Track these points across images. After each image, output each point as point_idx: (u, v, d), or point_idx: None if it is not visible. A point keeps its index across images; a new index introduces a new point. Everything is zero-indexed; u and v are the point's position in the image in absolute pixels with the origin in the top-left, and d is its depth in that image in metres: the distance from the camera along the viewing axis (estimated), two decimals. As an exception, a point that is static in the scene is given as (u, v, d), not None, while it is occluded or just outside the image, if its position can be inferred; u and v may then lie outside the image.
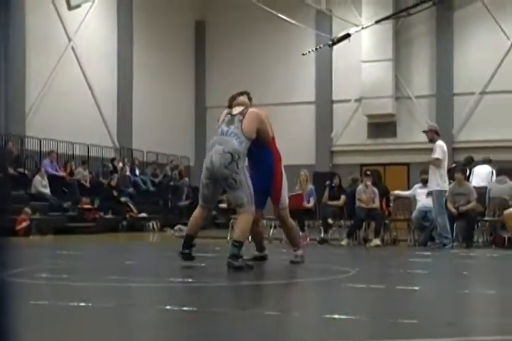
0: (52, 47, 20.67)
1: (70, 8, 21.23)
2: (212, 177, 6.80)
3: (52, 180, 18.27)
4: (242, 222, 6.76)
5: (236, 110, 7.13)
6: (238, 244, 6.63)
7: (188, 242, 6.91)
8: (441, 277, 7.13)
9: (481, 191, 12.65)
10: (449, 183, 12.11)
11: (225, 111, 7.26)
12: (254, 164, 7.47)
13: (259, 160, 7.41)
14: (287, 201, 7.72)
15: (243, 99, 7.40)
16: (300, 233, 13.38)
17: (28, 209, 15.98)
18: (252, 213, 6.83)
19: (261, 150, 7.32)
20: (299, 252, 7.73)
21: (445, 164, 11.61)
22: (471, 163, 14.09)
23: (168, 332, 3.55)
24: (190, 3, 27.21)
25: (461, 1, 24.43)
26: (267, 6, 23.04)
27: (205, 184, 6.91)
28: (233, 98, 7.40)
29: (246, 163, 7.06)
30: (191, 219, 7.12)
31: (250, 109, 7.16)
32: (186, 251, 6.85)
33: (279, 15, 23.34)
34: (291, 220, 7.86)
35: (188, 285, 5.71)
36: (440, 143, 11.63)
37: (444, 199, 11.62)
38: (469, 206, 11.99)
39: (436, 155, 11.49)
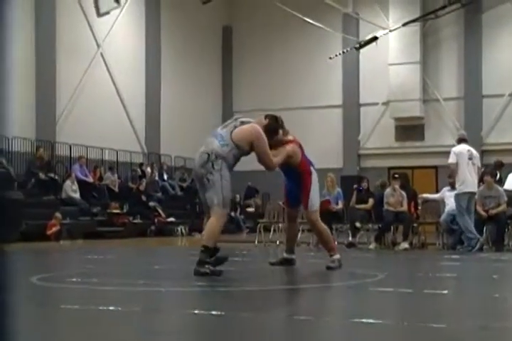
0: (82, 54, 20.88)
1: (99, 15, 21.41)
2: (197, 178, 6.74)
3: (82, 185, 18.44)
4: (209, 226, 6.55)
5: (243, 119, 7.12)
6: (205, 249, 6.44)
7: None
8: (470, 281, 7.06)
9: (512, 194, 12.53)
10: (479, 186, 12.03)
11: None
12: (288, 177, 7.73)
13: (291, 175, 7.65)
14: (318, 205, 7.61)
15: (260, 119, 7.27)
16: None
17: (58, 214, 16.15)
18: (222, 216, 6.56)
19: (290, 171, 7.54)
20: (336, 257, 7.54)
21: (463, 166, 11.58)
22: (500, 167, 13.96)
23: (195, 336, 3.56)
24: (216, 9, 27.29)
25: (490, 2, 24.18)
26: (293, 9, 23.05)
27: (198, 187, 6.89)
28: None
29: (226, 166, 6.70)
30: (205, 229, 6.90)
31: (254, 124, 6.98)
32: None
33: (306, 18, 23.32)
34: (322, 224, 7.69)
35: (216, 290, 5.72)
36: (454, 148, 11.84)
37: (463, 202, 11.53)
38: (499, 209, 11.85)
39: (450, 160, 11.69)
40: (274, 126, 7.25)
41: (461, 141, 11.99)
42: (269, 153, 6.89)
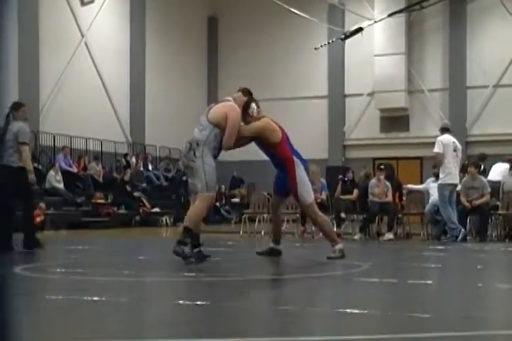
0: (66, 44, 20.71)
1: (83, 3, 21.26)
2: (184, 169, 7.16)
3: (66, 175, 18.36)
4: (193, 208, 6.75)
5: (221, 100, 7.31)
6: (185, 230, 6.62)
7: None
8: (454, 271, 7.11)
9: (496, 185, 12.62)
10: (463, 177, 12.10)
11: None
12: (279, 168, 7.73)
13: (278, 165, 7.67)
14: (312, 198, 7.55)
15: (236, 95, 7.44)
16: (313, 227, 13.44)
17: (42, 204, 16.06)
18: (206, 198, 6.72)
19: (274, 157, 7.57)
20: (337, 247, 7.49)
21: (449, 157, 11.61)
22: (483, 160, 14.06)
23: (180, 326, 3.56)
24: (202, -2, 27.21)
25: (475, -6, 24.27)
26: (279, 0, 22.98)
27: (188, 176, 7.07)
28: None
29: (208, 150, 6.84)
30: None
31: (228, 102, 7.15)
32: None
33: (291, 9, 23.26)
34: (321, 216, 7.68)
35: (200, 280, 5.72)
36: (440, 137, 11.79)
37: (446, 193, 11.59)
38: (483, 200, 11.94)
39: (435, 149, 11.67)
40: (252, 100, 7.57)
41: (444, 130, 12.00)
42: (235, 132, 6.96)
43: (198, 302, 4.19)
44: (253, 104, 7.46)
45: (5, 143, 8.59)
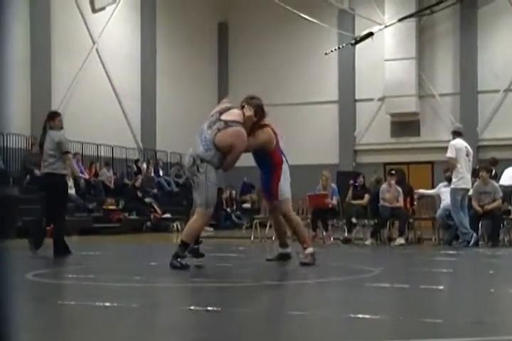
0: (77, 50, 20.82)
1: (94, 10, 21.36)
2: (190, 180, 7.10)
3: (78, 181, 18.40)
4: (191, 223, 6.86)
5: (226, 116, 7.06)
6: (182, 245, 6.74)
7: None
8: (466, 276, 7.08)
9: (507, 190, 12.55)
10: (474, 182, 12.05)
11: (223, 105, 7.32)
12: (262, 169, 7.65)
13: (265, 167, 7.58)
14: (288, 194, 7.47)
15: (225, 101, 7.58)
16: (324, 232, 13.43)
17: (54, 211, 16.11)
18: (204, 215, 6.83)
19: (265, 162, 7.50)
20: (309, 251, 7.40)
21: (461, 162, 11.56)
22: (495, 165, 14.00)
23: (192, 332, 3.56)
24: (212, 5, 27.27)
25: (485, -2, 24.21)
26: (289, 5, 22.98)
27: (193, 187, 7.05)
28: (244, 101, 7.49)
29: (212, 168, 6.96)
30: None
31: (237, 127, 6.99)
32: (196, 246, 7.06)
33: (301, 14, 23.28)
34: (294, 215, 7.67)
35: (212, 286, 5.72)
36: (453, 142, 11.71)
37: (458, 198, 11.54)
38: (494, 204, 11.87)
39: (448, 154, 11.60)
40: (260, 113, 7.47)
41: (456, 134, 11.92)
42: (238, 158, 7.10)
43: (209, 308, 4.19)
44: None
45: (44, 152, 9.08)
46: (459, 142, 11.71)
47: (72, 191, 17.92)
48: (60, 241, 9.14)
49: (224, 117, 6.99)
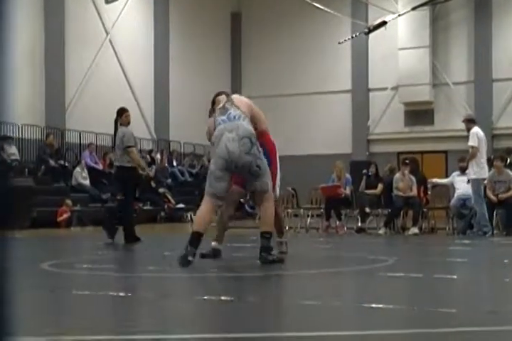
0: (91, 41, 20.85)
1: (107, 1, 21.33)
2: (231, 167, 6.07)
3: (92, 171, 18.48)
4: (269, 211, 6.22)
5: (220, 104, 6.44)
6: (269, 236, 6.17)
7: (197, 240, 6.10)
8: (480, 265, 7.04)
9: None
10: (489, 171, 11.96)
11: (212, 117, 6.52)
12: None
13: None
14: (278, 192, 7.01)
15: (222, 98, 6.65)
16: (337, 222, 13.41)
17: (69, 201, 16.21)
18: (273, 200, 6.32)
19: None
20: (284, 239, 7.16)
21: (483, 151, 11.45)
22: (510, 153, 13.88)
23: (205, 322, 3.56)
24: (225, -6, 27.19)
25: (500, -15, 23.95)
26: (302, -6, 22.89)
27: (220, 176, 6.09)
28: (214, 101, 6.77)
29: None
30: (198, 216, 6.34)
31: (234, 95, 6.68)
32: (194, 249, 6.06)
33: (315, 4, 23.15)
34: (279, 209, 7.30)
35: (225, 276, 5.72)
36: (475, 130, 11.51)
37: (481, 188, 11.46)
38: (509, 193, 11.80)
39: (471, 142, 11.38)
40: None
41: (471, 122, 11.74)
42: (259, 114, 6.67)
43: (223, 298, 4.19)
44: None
45: (116, 147, 10.02)
46: (480, 131, 11.57)
47: (86, 181, 18.02)
48: (129, 229, 9.72)
49: (220, 105, 6.45)
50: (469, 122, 11.76)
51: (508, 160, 13.25)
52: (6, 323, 1.33)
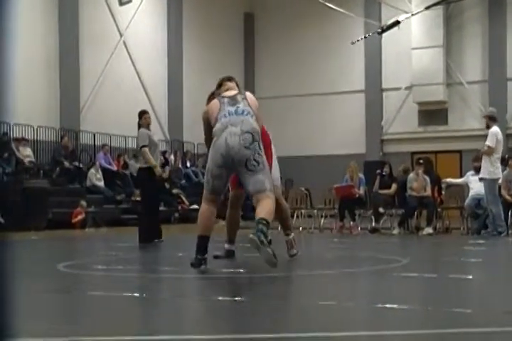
0: (105, 43, 20.94)
1: (121, 3, 21.42)
2: (228, 164, 5.77)
3: (106, 173, 18.54)
4: (269, 205, 5.69)
5: (230, 92, 6.24)
6: (266, 222, 5.55)
7: (205, 245, 5.91)
8: (496, 265, 7.00)
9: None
10: (503, 170, 11.88)
11: (217, 98, 6.27)
12: None
13: None
14: (279, 180, 6.91)
15: (233, 85, 6.48)
16: (351, 222, 13.38)
17: (83, 202, 16.28)
18: (274, 199, 5.82)
19: None
20: (292, 236, 6.87)
21: (499, 152, 11.35)
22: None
23: (219, 323, 3.57)
24: (238, -5, 27.21)
25: (514, -16, 23.82)
26: (315, -5, 22.87)
27: (217, 174, 5.85)
28: (221, 83, 6.61)
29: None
30: (204, 218, 6.03)
31: (245, 92, 6.36)
32: (204, 256, 5.88)
33: (328, 4, 23.13)
34: (284, 201, 7.17)
35: (239, 276, 5.72)
36: (494, 130, 11.36)
37: (496, 187, 11.38)
38: (525, 193, 11.74)
39: (488, 142, 11.25)
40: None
41: (492, 120, 11.53)
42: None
43: (237, 299, 4.19)
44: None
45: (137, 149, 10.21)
46: (499, 132, 11.40)
47: (100, 183, 18.09)
48: (145, 229, 9.90)
49: (231, 94, 6.23)
50: (490, 119, 11.57)
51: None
52: (5, 325, 1.30)
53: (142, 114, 10.57)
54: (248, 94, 6.29)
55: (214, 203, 5.99)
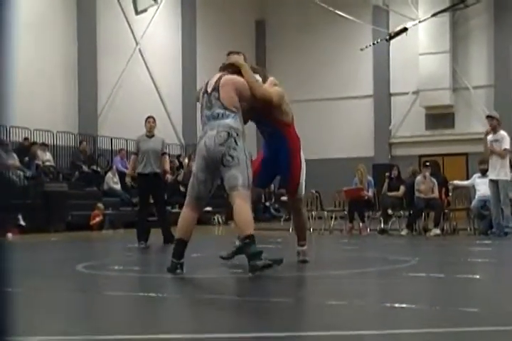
0: (121, 51, 21.02)
1: (137, 12, 21.50)
2: (210, 166, 5.54)
3: (123, 176, 18.56)
4: (241, 213, 5.35)
5: (210, 85, 5.82)
6: (250, 240, 5.23)
7: (182, 250, 5.63)
8: (502, 265, 6.95)
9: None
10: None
11: (204, 83, 5.99)
12: (270, 146, 6.30)
13: (273, 144, 6.25)
14: (303, 192, 6.49)
15: (236, 57, 6.08)
16: (360, 224, 13.34)
17: (101, 205, 16.32)
18: (248, 197, 5.45)
19: (274, 133, 6.14)
20: (306, 248, 6.54)
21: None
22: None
23: (232, 320, 3.56)
24: (250, 3, 27.23)
25: (518, -9, 23.72)
26: (325, 2, 22.86)
27: (202, 179, 5.62)
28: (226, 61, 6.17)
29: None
30: (184, 221, 5.76)
31: (225, 77, 5.81)
32: (181, 260, 5.57)
33: (337, 11, 23.12)
34: (305, 212, 6.90)
35: (251, 277, 5.71)
36: (506, 133, 11.33)
37: (511, 189, 11.29)
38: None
39: (506, 145, 11.16)
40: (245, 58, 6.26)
41: (500, 123, 11.51)
42: (256, 83, 5.93)
43: (249, 298, 4.18)
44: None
45: None
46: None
47: (117, 186, 18.14)
48: (168, 229, 10.18)
49: (209, 88, 5.84)
50: (498, 123, 11.47)
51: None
52: (4, 324, 1.26)
53: (145, 119, 10.90)
54: (224, 82, 5.73)
55: (197, 209, 5.76)
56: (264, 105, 5.96)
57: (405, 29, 23.10)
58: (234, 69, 5.94)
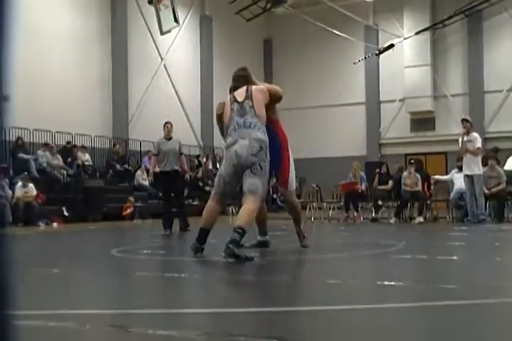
0: (148, 66, 21.07)
1: (162, 33, 21.49)
2: (238, 172, 5.38)
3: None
4: (249, 211, 5.24)
5: (240, 95, 5.60)
6: (241, 231, 5.11)
7: (204, 237, 5.60)
8: (476, 248, 6.92)
9: (511, 174, 12.24)
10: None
11: (229, 96, 5.76)
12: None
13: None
14: (294, 185, 6.25)
15: (240, 91, 5.69)
16: (355, 213, 13.31)
17: (131, 198, 16.37)
18: (257, 207, 5.33)
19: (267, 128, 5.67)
20: (303, 228, 6.35)
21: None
22: (497, 152, 13.65)
23: (245, 297, 3.57)
24: (258, 25, 27.15)
25: (490, 12, 23.55)
26: (324, 23, 22.86)
27: (228, 181, 5.47)
28: (233, 78, 5.93)
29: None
30: (208, 213, 5.63)
31: (253, 88, 5.61)
32: (202, 246, 5.57)
33: (334, 31, 23.08)
34: (299, 204, 6.45)
35: (261, 259, 5.71)
36: (477, 134, 11.35)
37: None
38: (500, 187, 11.61)
39: (479, 144, 11.19)
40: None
41: (472, 126, 11.53)
42: (277, 88, 5.89)
43: (262, 278, 4.18)
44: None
45: None
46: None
47: (146, 182, 18.17)
48: (185, 218, 10.15)
49: (240, 99, 5.61)
50: (472, 126, 11.46)
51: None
52: (6, 320, 1.15)
53: (164, 124, 10.60)
54: (255, 92, 5.58)
55: (220, 202, 5.62)
56: (270, 103, 5.77)
57: (392, 45, 23.05)
58: (244, 80, 5.85)
